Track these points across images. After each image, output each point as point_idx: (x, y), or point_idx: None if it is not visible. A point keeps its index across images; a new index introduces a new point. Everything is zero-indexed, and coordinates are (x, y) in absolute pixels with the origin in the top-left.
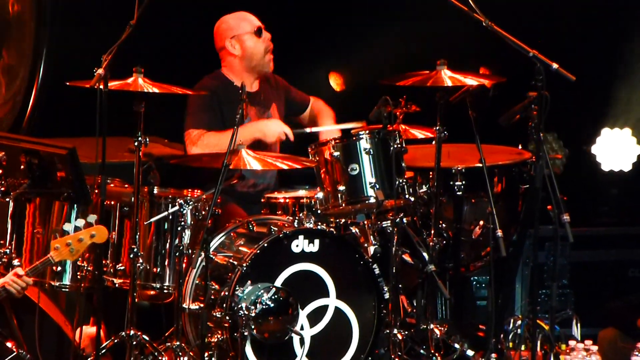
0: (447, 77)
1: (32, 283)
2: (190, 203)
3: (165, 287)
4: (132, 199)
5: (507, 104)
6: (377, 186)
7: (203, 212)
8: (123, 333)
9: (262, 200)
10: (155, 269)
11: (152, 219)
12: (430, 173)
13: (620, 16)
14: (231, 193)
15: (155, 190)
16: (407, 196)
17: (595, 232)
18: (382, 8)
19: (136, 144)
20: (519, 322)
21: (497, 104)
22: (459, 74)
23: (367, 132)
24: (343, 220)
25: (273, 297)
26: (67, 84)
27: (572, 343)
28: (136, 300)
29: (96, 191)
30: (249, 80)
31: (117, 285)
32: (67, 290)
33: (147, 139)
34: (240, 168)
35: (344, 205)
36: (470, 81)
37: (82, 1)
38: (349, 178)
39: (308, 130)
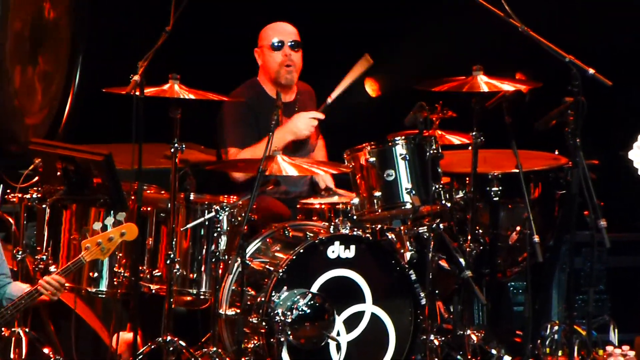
0: (483, 82)
1: (66, 285)
2: (227, 209)
3: (201, 293)
4: (169, 205)
5: (543, 109)
6: (413, 192)
7: (239, 218)
8: (159, 339)
9: (298, 206)
10: (191, 275)
11: (189, 225)
12: (467, 178)
13: None
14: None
15: (192, 197)
16: (443, 202)
17: (632, 237)
18: (418, 13)
19: (172, 150)
20: (556, 327)
21: (533, 110)
22: (495, 79)
23: (403, 137)
24: (379, 226)
25: (309, 303)
26: (103, 90)
27: (609, 349)
28: (173, 306)
29: (132, 197)
30: (275, 90)
31: (153, 291)
32: (103, 296)
33: (184, 146)
34: (274, 174)
35: (380, 211)
36: (507, 87)
37: (117, 8)
38: (385, 184)
39: (330, 100)
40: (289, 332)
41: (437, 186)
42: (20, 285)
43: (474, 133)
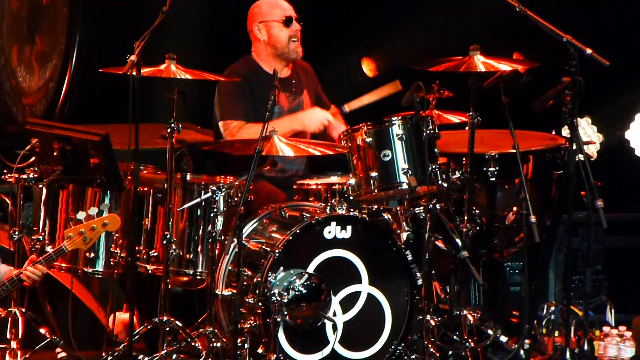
0: (480, 62)
1: (47, 272)
2: (223, 189)
3: (198, 273)
4: (165, 185)
5: (541, 89)
6: (410, 172)
7: (236, 199)
8: (156, 319)
9: (294, 187)
10: (188, 255)
11: (185, 206)
12: (464, 159)
13: None
14: (262, 178)
15: (188, 177)
16: (440, 182)
17: (629, 217)
18: None
19: (169, 130)
20: (553, 308)
21: (531, 90)
22: (492, 59)
23: (400, 118)
24: (375, 206)
25: (305, 284)
26: (100, 70)
27: (606, 329)
28: (169, 286)
29: (129, 178)
30: (276, 66)
31: (150, 271)
32: (100, 276)
33: (180, 126)
34: (272, 155)
35: (376, 191)
36: (504, 67)
37: None
38: (382, 164)
39: (347, 109)
40: (285, 313)
41: (433, 166)
42: (1, 267)
43: (470, 113)
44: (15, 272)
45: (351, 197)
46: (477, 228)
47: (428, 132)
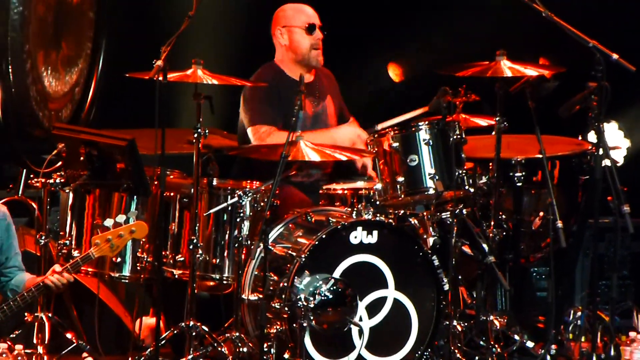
0: (507, 67)
1: (73, 279)
2: (249, 194)
3: (224, 278)
4: (192, 190)
5: (567, 94)
6: (437, 177)
7: (262, 204)
8: (182, 324)
9: (320, 192)
10: (214, 260)
11: (212, 210)
12: (490, 164)
13: None
14: (288, 183)
15: (215, 182)
16: (466, 187)
17: None
18: None
19: (195, 135)
20: (579, 313)
21: (557, 95)
22: (519, 64)
23: (427, 122)
24: (402, 211)
25: (331, 289)
26: (127, 75)
27: (632, 334)
28: (195, 291)
29: (155, 183)
30: (298, 72)
31: (176, 276)
32: (126, 281)
33: (207, 131)
34: (298, 160)
35: (402, 196)
36: (530, 72)
37: None
38: (408, 169)
39: (379, 127)
40: (312, 318)
41: (460, 171)
42: (24, 276)
43: (497, 118)
44: (40, 278)
45: (377, 202)
46: (504, 233)
47: (455, 137)
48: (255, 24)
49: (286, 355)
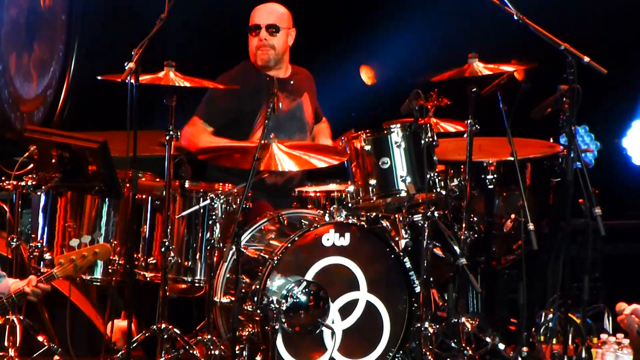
0: (479, 70)
1: (50, 288)
2: (222, 197)
3: (196, 280)
4: (164, 192)
5: (539, 97)
6: (408, 179)
7: (234, 206)
8: (154, 327)
9: (293, 194)
10: (186, 263)
11: (183, 213)
12: (462, 166)
13: None
14: (261, 187)
15: (187, 184)
16: (438, 189)
17: (627, 225)
18: (415, 1)
19: (167, 137)
20: (551, 315)
21: (529, 97)
22: (490, 67)
23: (399, 125)
24: (374, 213)
25: (304, 291)
26: (99, 77)
27: (603, 336)
28: (167, 293)
29: (127, 185)
30: (268, 71)
31: (148, 279)
32: (98, 284)
33: (179, 133)
34: (271, 169)
35: (375, 198)
36: (503, 68)
37: None
38: (380, 171)
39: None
40: (284, 320)
41: (432, 174)
42: (7, 281)
43: (469, 121)
44: (23, 283)
45: (350, 205)
46: (475, 235)
47: (427, 139)
48: (229, 24)
49: (258, 358)
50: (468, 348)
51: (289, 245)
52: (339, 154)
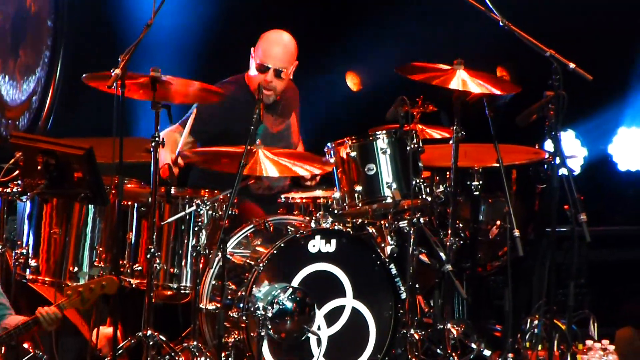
0: (460, 78)
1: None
2: (207, 203)
3: (182, 287)
4: (149, 199)
5: (524, 103)
6: (394, 186)
7: (220, 212)
8: (140, 333)
9: (279, 200)
10: (172, 269)
11: (169, 219)
12: (448, 173)
13: (636, 13)
14: (247, 194)
15: (173, 191)
16: (424, 196)
17: (612, 231)
18: (401, 8)
19: (153, 144)
20: (536, 321)
21: (514, 104)
22: (474, 75)
23: (384, 131)
24: (360, 220)
25: (290, 297)
26: (85, 83)
27: (589, 343)
28: (153, 300)
29: (113, 191)
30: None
31: (134, 285)
32: None
33: (164, 139)
34: (256, 174)
35: (360, 205)
36: (478, 89)
37: (99, 1)
38: (366, 178)
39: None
40: (270, 327)
41: (417, 180)
42: (16, 318)
43: (454, 127)
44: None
45: (336, 211)
46: (461, 242)
47: (412, 146)
48: (216, 32)
49: None
50: (454, 354)
51: (275, 251)
52: (323, 164)
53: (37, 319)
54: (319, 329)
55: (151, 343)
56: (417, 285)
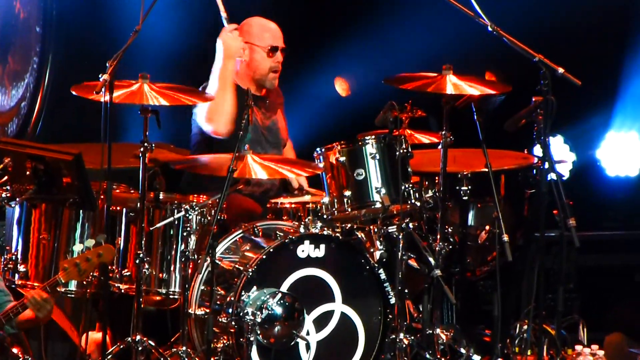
0: (452, 83)
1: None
2: (196, 208)
3: (171, 292)
4: (138, 204)
5: (513, 108)
6: (383, 191)
7: (209, 218)
8: (129, 338)
9: (268, 205)
10: (161, 275)
11: (158, 225)
12: (437, 178)
13: (625, 19)
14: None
15: (161, 196)
16: (413, 201)
17: (601, 236)
18: (388, 13)
19: (142, 149)
20: (525, 326)
21: (503, 109)
22: (464, 79)
23: (373, 137)
24: (349, 225)
25: (279, 303)
26: (72, 90)
27: (578, 348)
28: (142, 305)
29: (102, 197)
30: (251, 87)
31: (123, 290)
32: (73, 296)
33: (153, 145)
34: (244, 177)
35: (350, 210)
36: (474, 91)
37: (87, 8)
38: (355, 183)
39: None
40: (259, 332)
41: (406, 185)
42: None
43: (443, 132)
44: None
45: (325, 216)
46: (450, 247)
47: (401, 151)
48: (203, 36)
49: None
50: (443, 359)
51: (264, 257)
52: (312, 168)
53: (24, 304)
54: (308, 334)
55: (140, 348)
56: (406, 290)
